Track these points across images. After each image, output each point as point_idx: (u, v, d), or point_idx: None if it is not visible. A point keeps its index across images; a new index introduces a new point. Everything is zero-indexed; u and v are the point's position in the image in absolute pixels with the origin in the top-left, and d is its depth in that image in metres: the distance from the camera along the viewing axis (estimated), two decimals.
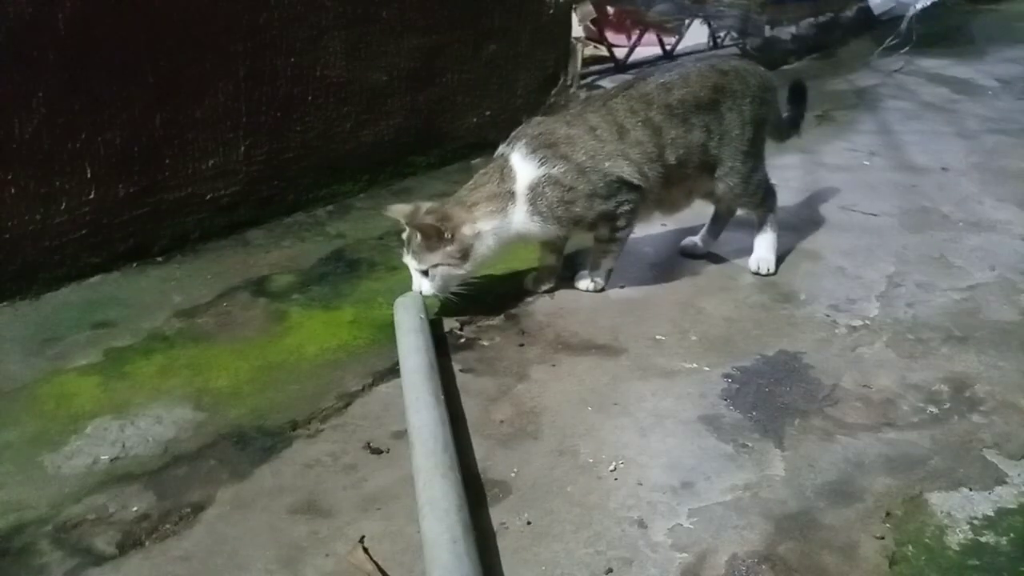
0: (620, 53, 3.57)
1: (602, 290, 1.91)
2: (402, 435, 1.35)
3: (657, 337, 1.72)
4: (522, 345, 1.69)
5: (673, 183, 1.84)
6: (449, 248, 1.68)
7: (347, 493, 1.26)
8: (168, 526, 1.18)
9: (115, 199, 1.89)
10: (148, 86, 1.88)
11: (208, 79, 1.99)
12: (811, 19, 4.82)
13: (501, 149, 1.80)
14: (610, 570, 1.11)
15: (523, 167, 1.73)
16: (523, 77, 2.90)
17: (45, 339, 1.64)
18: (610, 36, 3.65)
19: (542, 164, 1.71)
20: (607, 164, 1.73)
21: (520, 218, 1.73)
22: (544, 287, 1.90)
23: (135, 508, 1.21)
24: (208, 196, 2.08)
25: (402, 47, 2.42)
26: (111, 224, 1.90)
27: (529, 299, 1.88)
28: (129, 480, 1.27)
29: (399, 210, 1.76)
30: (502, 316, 1.81)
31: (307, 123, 2.24)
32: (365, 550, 1.13)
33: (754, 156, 1.90)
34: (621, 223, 1.80)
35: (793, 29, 4.67)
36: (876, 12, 4.67)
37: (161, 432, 1.38)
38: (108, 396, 1.48)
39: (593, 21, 3.37)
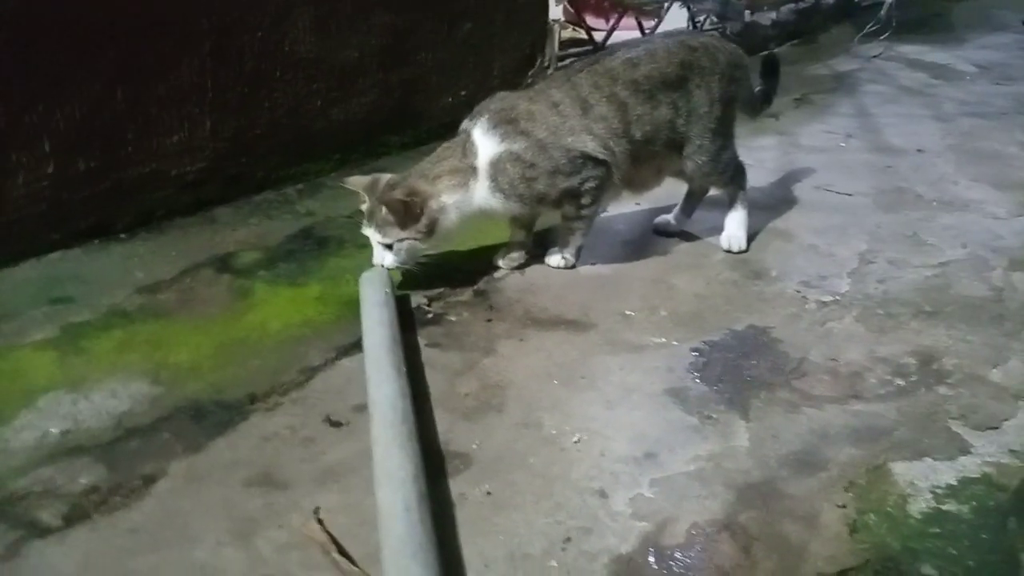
0: (599, 37, 3.54)
1: (573, 267, 1.89)
2: (363, 408, 1.33)
3: (627, 313, 1.70)
4: (490, 320, 1.67)
5: (641, 161, 1.81)
6: (416, 223, 1.66)
7: (304, 466, 1.23)
8: (117, 499, 1.15)
9: (75, 174, 1.85)
10: (108, 60, 1.83)
11: (171, 54, 1.95)
12: (791, 5, 4.81)
13: (464, 124, 1.77)
14: (568, 539, 1.09)
15: (484, 143, 1.70)
16: (499, 58, 2.87)
17: (1, 315, 1.60)
18: (589, 19, 3.62)
19: (503, 140, 1.69)
20: (569, 139, 1.71)
21: (482, 194, 1.70)
22: (514, 264, 1.88)
23: (84, 481, 1.18)
24: (173, 173, 2.04)
25: (373, 24, 2.38)
26: (72, 200, 1.86)
27: (499, 275, 1.86)
28: (79, 453, 1.24)
29: (358, 182, 1.73)
30: (471, 292, 1.79)
31: (275, 100, 2.20)
32: (319, 521, 1.11)
33: (723, 134, 1.88)
34: (586, 200, 1.78)
35: (774, 15, 4.66)
36: None
37: (115, 406, 1.35)
38: (63, 371, 1.44)
39: (572, 3, 3.34)
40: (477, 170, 1.70)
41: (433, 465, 1.22)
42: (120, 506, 1.14)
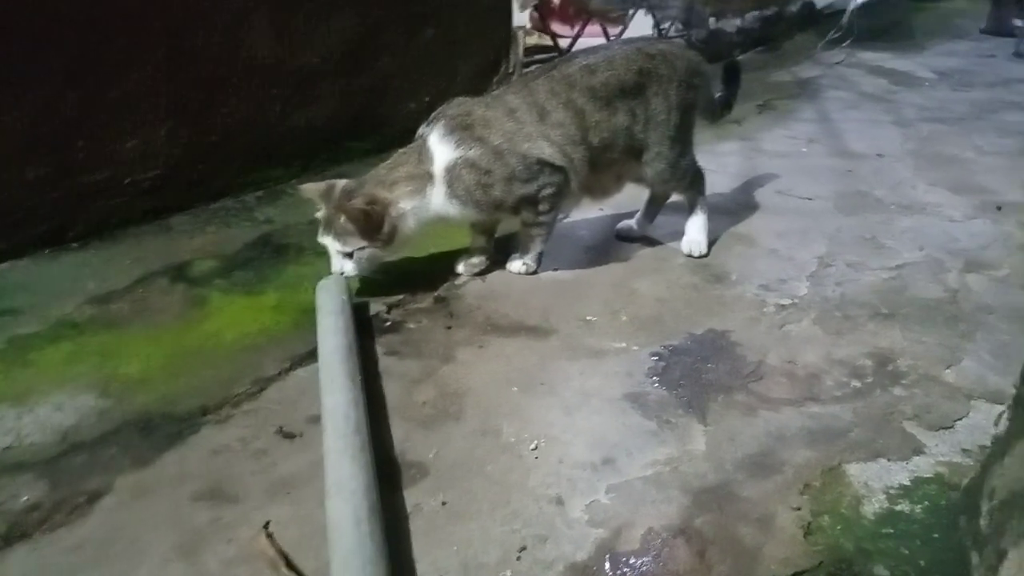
0: (565, 43, 3.55)
1: (534, 272, 1.88)
2: (317, 419, 1.30)
3: (588, 318, 1.70)
4: (450, 328, 1.66)
5: (600, 167, 1.81)
6: (378, 231, 1.64)
7: (255, 478, 1.20)
8: (60, 516, 1.12)
9: (25, 182, 1.81)
10: (59, 63, 1.79)
11: (124, 57, 1.91)
12: (756, 12, 4.88)
13: (421, 129, 1.76)
14: (524, 548, 1.08)
15: (440, 149, 1.69)
16: (463, 63, 2.86)
17: None
18: (554, 25, 3.63)
19: (458, 146, 1.68)
20: (525, 146, 1.70)
21: (439, 200, 1.69)
22: (475, 270, 1.87)
23: (25, 498, 1.14)
24: (127, 180, 1.99)
25: (334, 29, 2.36)
26: (20, 208, 1.82)
27: (460, 282, 1.85)
28: (21, 469, 1.20)
29: (312, 189, 1.71)
30: (431, 299, 1.77)
31: (233, 105, 2.17)
32: (269, 535, 1.09)
33: (682, 141, 1.89)
34: (544, 207, 1.77)
35: (738, 22, 4.71)
36: (819, 6, 4.74)
37: (60, 420, 1.31)
38: (7, 384, 1.40)
39: (537, 9, 3.35)
40: (433, 176, 1.69)
41: (388, 475, 1.20)
42: (62, 524, 1.11)
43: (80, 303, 1.68)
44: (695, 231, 1.99)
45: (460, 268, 1.86)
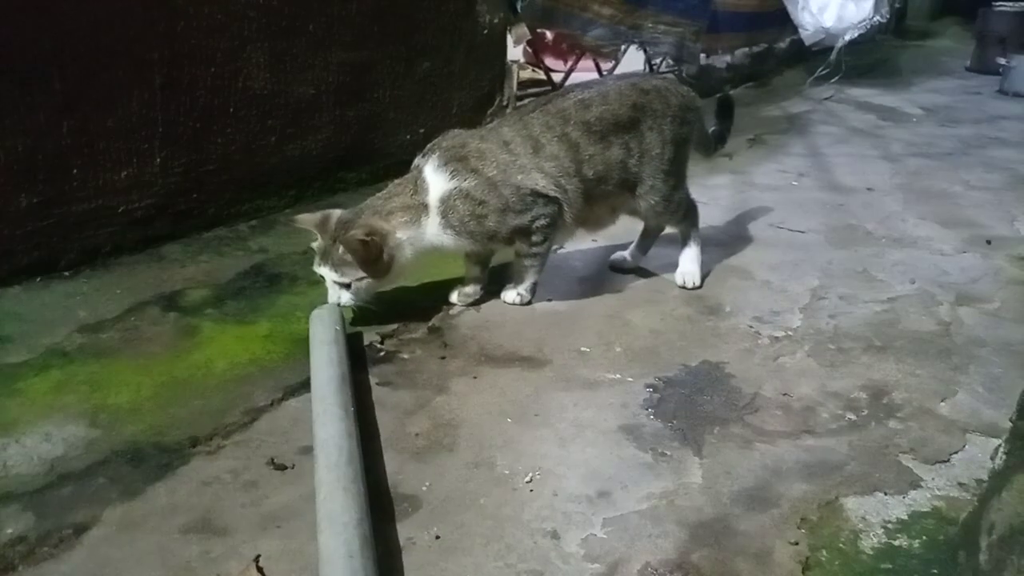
0: (558, 78, 3.60)
1: (529, 303, 1.88)
2: (309, 451, 1.28)
3: (582, 349, 1.69)
4: (444, 358, 1.65)
5: (595, 200, 1.82)
6: (377, 262, 1.64)
7: (245, 511, 1.18)
8: (46, 548, 1.10)
9: (17, 209, 1.80)
10: (54, 92, 1.80)
11: (120, 87, 1.92)
12: (746, 49, 4.96)
13: (416, 160, 1.77)
14: None
15: (435, 180, 1.70)
16: (458, 96, 2.89)
17: None
18: (548, 60, 3.67)
19: (453, 177, 1.69)
20: (519, 177, 1.71)
21: (433, 230, 1.70)
22: (469, 300, 1.87)
23: (10, 530, 1.12)
24: (121, 209, 1.99)
25: (330, 61, 2.38)
26: (12, 236, 1.80)
27: (454, 312, 1.84)
28: (7, 501, 1.18)
29: (308, 220, 1.71)
30: (425, 329, 1.76)
31: (228, 135, 2.18)
32: (259, 569, 1.07)
33: (675, 175, 1.90)
34: (537, 238, 1.78)
35: (728, 58, 4.79)
36: (807, 43, 4.83)
37: (48, 450, 1.29)
38: None
39: (530, 44, 3.39)
40: (428, 207, 1.69)
41: (381, 508, 1.19)
42: (48, 556, 1.08)
43: (70, 332, 1.66)
44: (689, 263, 2.00)
45: (454, 298, 1.86)
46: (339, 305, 1.68)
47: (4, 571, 1.06)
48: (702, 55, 4.31)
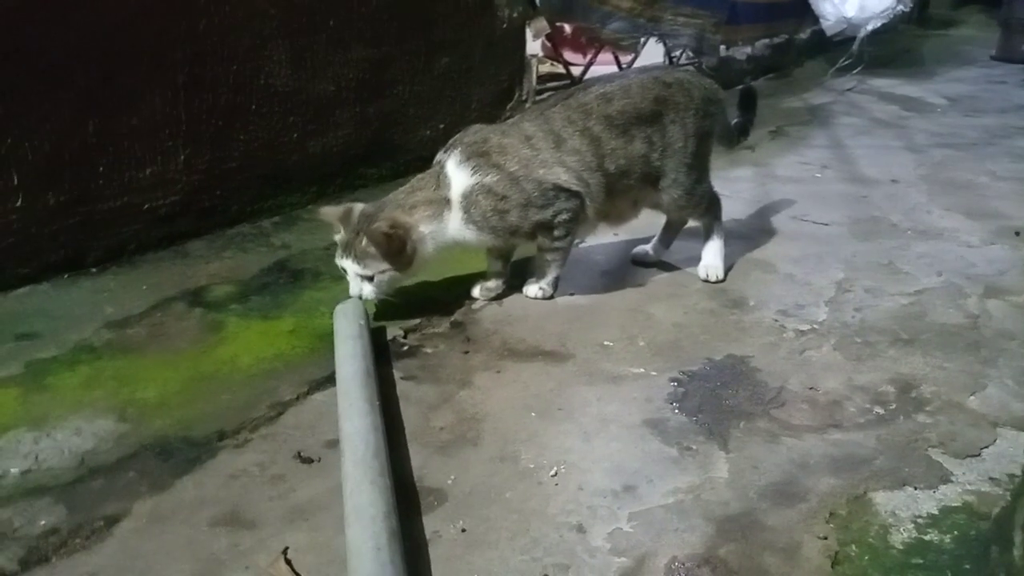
0: (577, 71, 3.58)
1: (551, 297, 1.88)
2: (335, 444, 1.29)
3: (605, 343, 1.69)
4: (467, 352, 1.65)
5: (617, 194, 1.82)
6: (400, 254, 1.65)
7: (273, 504, 1.19)
8: (78, 541, 1.11)
9: (45, 207, 1.82)
10: (79, 91, 1.82)
11: (144, 86, 1.94)
12: (766, 40, 4.91)
13: (439, 155, 1.77)
14: None
15: (457, 175, 1.70)
16: (477, 91, 2.88)
17: None
18: (566, 53, 3.66)
19: (475, 172, 1.69)
20: (541, 172, 1.71)
21: (455, 225, 1.70)
22: (491, 294, 1.87)
23: (43, 522, 1.14)
24: (145, 206, 2.01)
25: (350, 57, 2.39)
26: (40, 233, 1.83)
27: (476, 306, 1.85)
28: (39, 493, 1.19)
29: (331, 213, 1.72)
30: (448, 323, 1.77)
31: (251, 132, 2.19)
32: (288, 562, 1.07)
33: (698, 168, 1.89)
34: (559, 232, 1.78)
35: (748, 49, 4.75)
36: (829, 34, 4.77)
37: (79, 444, 1.31)
38: (25, 409, 1.40)
39: (549, 38, 3.38)
40: (450, 202, 1.70)
41: (407, 501, 1.19)
42: (80, 548, 1.10)
43: (98, 328, 1.68)
44: (712, 256, 1.98)
45: (476, 292, 1.86)
46: (361, 299, 1.68)
47: (38, 562, 1.07)
48: (722, 47, 4.27)
